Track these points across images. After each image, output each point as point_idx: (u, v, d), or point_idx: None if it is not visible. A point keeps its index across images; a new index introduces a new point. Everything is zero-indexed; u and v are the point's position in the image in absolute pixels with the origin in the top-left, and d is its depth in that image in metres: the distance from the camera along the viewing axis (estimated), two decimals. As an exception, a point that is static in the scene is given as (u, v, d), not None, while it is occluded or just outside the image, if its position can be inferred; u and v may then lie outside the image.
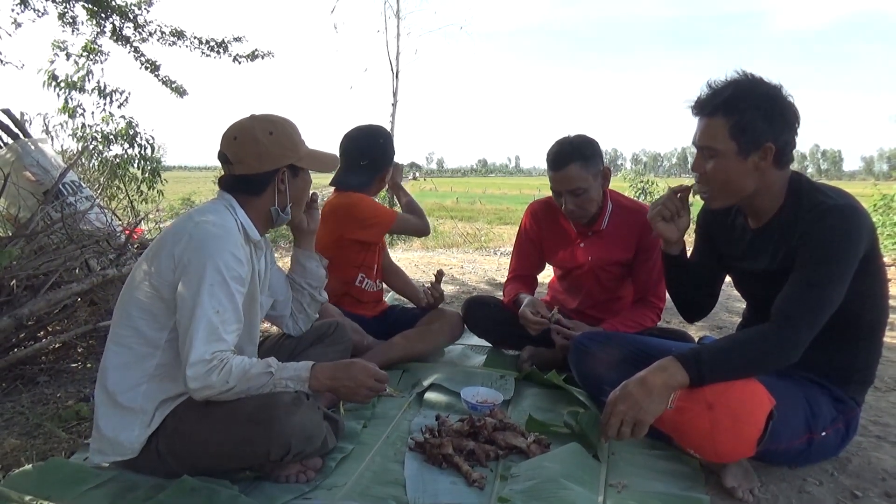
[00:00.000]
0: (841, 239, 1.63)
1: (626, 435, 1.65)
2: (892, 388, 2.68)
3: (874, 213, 7.25)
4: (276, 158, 1.79)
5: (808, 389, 1.78)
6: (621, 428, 1.65)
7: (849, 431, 1.86)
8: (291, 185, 1.85)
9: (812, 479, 1.84)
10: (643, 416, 1.63)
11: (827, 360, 1.80)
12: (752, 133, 1.68)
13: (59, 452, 1.97)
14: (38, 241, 3.32)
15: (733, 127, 1.69)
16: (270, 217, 1.86)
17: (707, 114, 1.74)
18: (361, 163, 2.76)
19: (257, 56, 7.30)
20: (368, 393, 1.78)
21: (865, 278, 1.70)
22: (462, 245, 8.85)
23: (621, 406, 1.65)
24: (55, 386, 2.62)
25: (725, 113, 1.70)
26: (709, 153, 1.75)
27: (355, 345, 2.56)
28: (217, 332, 1.60)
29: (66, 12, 6.41)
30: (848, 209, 1.66)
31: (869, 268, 1.70)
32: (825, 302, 1.64)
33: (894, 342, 3.51)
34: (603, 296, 2.72)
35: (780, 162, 1.73)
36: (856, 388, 1.84)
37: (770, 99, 1.69)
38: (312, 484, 1.73)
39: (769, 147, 1.69)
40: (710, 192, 1.81)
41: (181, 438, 1.66)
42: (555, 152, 2.51)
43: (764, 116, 1.67)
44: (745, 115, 1.67)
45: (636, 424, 1.64)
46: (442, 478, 1.79)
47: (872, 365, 1.86)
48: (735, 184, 1.75)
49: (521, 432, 1.99)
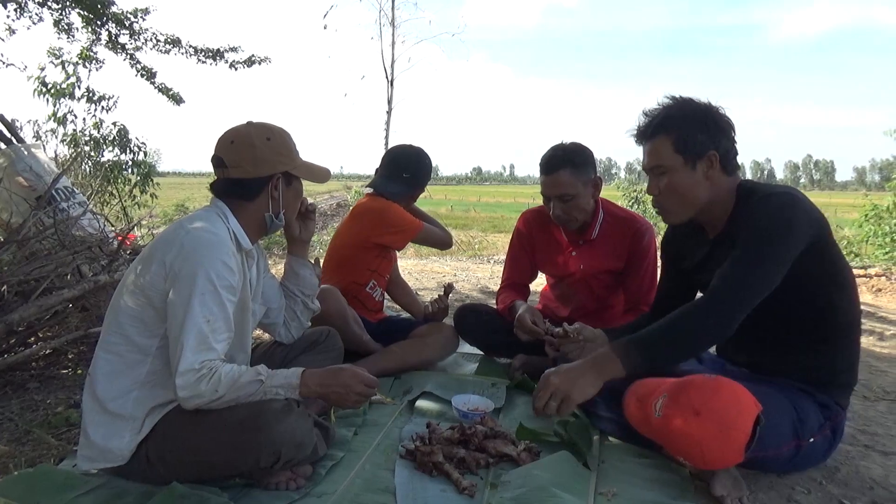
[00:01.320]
0: (772, 220, 1.70)
1: (552, 409, 1.76)
2: (880, 398, 2.69)
3: (865, 222, 7.30)
4: (272, 164, 1.81)
5: (794, 396, 1.79)
6: (549, 401, 1.76)
7: (835, 437, 1.87)
8: (285, 193, 1.87)
9: (800, 487, 1.85)
10: (573, 393, 1.76)
11: (809, 365, 1.83)
12: (693, 144, 1.80)
13: (48, 459, 1.96)
14: (29, 247, 3.31)
15: (676, 142, 1.82)
16: (264, 223, 1.87)
17: (650, 137, 1.87)
18: (405, 174, 2.87)
19: (254, 62, 7.31)
20: (358, 398, 1.78)
21: (823, 271, 1.76)
22: (456, 253, 8.87)
23: (554, 380, 1.78)
24: (45, 392, 2.61)
25: (666, 131, 1.83)
26: (659, 171, 1.86)
27: (354, 339, 2.59)
28: (207, 340, 1.60)
29: (62, 19, 6.40)
30: (785, 196, 1.73)
31: (824, 259, 1.76)
32: (755, 280, 1.69)
33: (884, 352, 3.54)
34: (594, 304, 2.73)
35: (727, 168, 1.84)
36: (839, 391, 1.86)
37: (703, 112, 1.83)
38: (302, 491, 1.72)
39: (713, 154, 1.81)
40: (668, 208, 1.91)
41: (171, 445, 1.66)
42: (547, 157, 2.54)
43: (701, 128, 1.81)
44: (684, 129, 1.81)
45: (564, 400, 1.76)
46: (432, 486, 1.79)
47: (853, 366, 1.88)
48: (689, 194, 1.85)
49: (511, 440, 1.99)
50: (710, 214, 1.89)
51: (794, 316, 1.82)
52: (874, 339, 3.83)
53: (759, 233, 1.71)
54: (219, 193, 1.84)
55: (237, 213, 1.82)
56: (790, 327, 1.85)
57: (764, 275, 1.69)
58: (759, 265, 1.69)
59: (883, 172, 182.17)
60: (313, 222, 2.17)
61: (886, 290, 5.50)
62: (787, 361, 1.84)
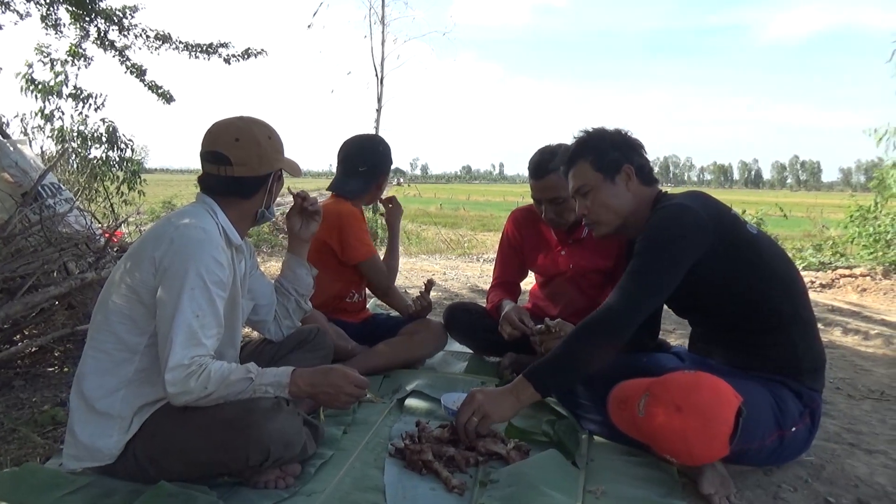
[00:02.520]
0: (660, 232, 1.86)
1: (473, 424, 1.87)
2: (865, 396, 2.72)
3: (851, 223, 7.36)
4: (273, 162, 1.82)
5: (772, 388, 1.83)
6: (472, 416, 1.87)
7: (814, 423, 1.90)
8: (277, 188, 1.90)
9: (787, 485, 1.87)
10: (492, 413, 1.87)
11: (772, 355, 1.89)
12: (609, 161, 2.00)
13: (34, 458, 1.95)
14: (15, 244, 3.27)
15: (594, 161, 2.01)
16: (255, 218, 1.88)
17: (571, 165, 2.07)
18: (360, 168, 2.77)
19: (251, 55, 7.25)
20: (348, 399, 1.77)
21: (741, 267, 1.86)
22: (445, 251, 8.87)
23: (479, 397, 1.89)
24: (31, 390, 2.59)
25: (583, 156, 2.03)
26: (585, 190, 2.03)
27: (340, 350, 2.56)
28: (196, 336, 1.59)
29: (49, 15, 6.33)
30: (674, 207, 1.88)
31: (737, 257, 1.86)
32: (648, 287, 1.82)
33: (868, 351, 3.58)
34: (584, 303, 2.73)
35: (644, 179, 2.02)
36: (810, 375, 1.89)
37: (612, 134, 2.05)
38: (291, 490, 1.72)
39: (628, 168, 2.00)
40: (598, 220, 2.04)
41: (159, 444, 1.65)
42: (536, 161, 2.54)
43: (613, 147, 2.02)
44: (598, 150, 2.01)
45: (483, 417, 1.87)
46: (422, 484, 1.79)
47: (814, 348, 1.92)
48: (614, 204, 2.00)
49: (501, 439, 1.99)
50: (635, 225, 2.01)
51: (736, 312, 1.92)
52: (859, 339, 3.87)
53: (647, 244, 1.86)
54: (213, 190, 1.82)
55: (227, 208, 1.81)
56: (738, 324, 1.93)
57: (655, 281, 1.82)
58: (649, 273, 1.83)
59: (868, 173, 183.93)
60: (316, 223, 2.17)
61: (871, 290, 5.56)
62: (750, 355, 1.92)
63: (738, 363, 1.94)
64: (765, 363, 1.89)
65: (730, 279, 1.86)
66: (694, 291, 1.89)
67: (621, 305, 1.81)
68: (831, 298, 5.27)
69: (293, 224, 2.15)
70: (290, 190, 2.16)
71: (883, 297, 5.36)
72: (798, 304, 1.91)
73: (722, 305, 1.93)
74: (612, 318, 1.82)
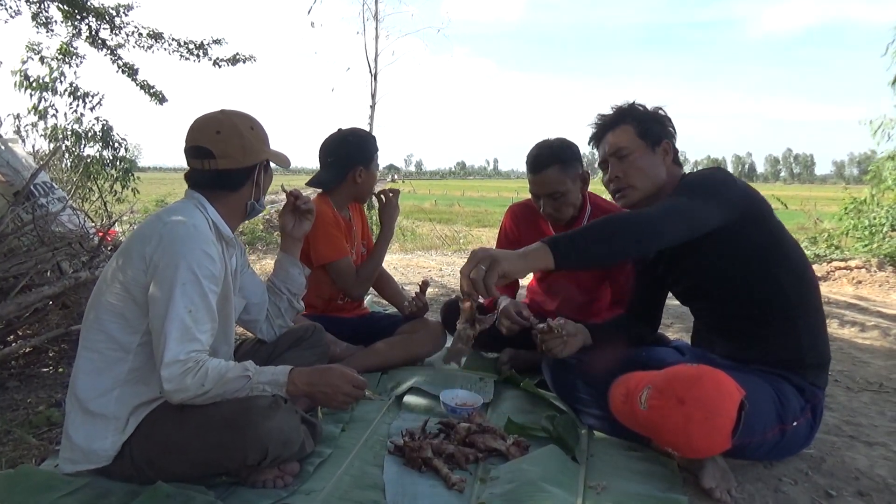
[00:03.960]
0: (703, 178, 1.87)
1: (481, 272, 1.55)
2: (864, 388, 2.73)
3: (845, 216, 7.38)
4: (258, 153, 1.80)
5: (774, 382, 1.82)
6: (478, 265, 1.56)
7: (815, 420, 1.90)
8: (264, 179, 1.87)
9: (787, 478, 1.86)
10: (500, 257, 1.57)
11: (776, 348, 1.88)
12: (652, 133, 2.01)
13: (28, 459, 1.93)
14: (7, 243, 3.24)
15: (638, 129, 2.01)
16: (245, 211, 1.86)
17: (612, 126, 2.05)
18: (328, 159, 2.78)
19: (238, 60, 7.20)
20: (346, 399, 1.76)
21: (766, 249, 1.86)
22: (440, 247, 8.86)
23: (482, 253, 1.60)
24: (25, 391, 2.56)
25: (627, 121, 2.03)
26: (624, 153, 2.00)
27: (333, 357, 2.53)
28: (190, 331, 1.57)
29: (40, 13, 6.28)
30: (710, 168, 1.95)
31: (763, 235, 1.86)
32: (688, 210, 1.75)
33: (865, 343, 3.59)
34: (581, 298, 2.73)
35: (676, 159, 2.06)
36: (813, 371, 1.88)
37: (654, 110, 2.06)
38: (290, 489, 1.70)
39: (667, 143, 2.02)
40: (631, 184, 2.00)
41: (156, 444, 1.63)
42: (534, 156, 2.52)
43: (655, 121, 2.04)
44: (643, 120, 2.02)
45: (491, 264, 1.55)
46: (421, 481, 1.78)
47: (820, 344, 1.91)
48: (651, 172, 2.00)
49: (500, 435, 1.98)
50: (659, 199, 1.97)
51: (745, 299, 1.90)
52: (856, 331, 3.87)
53: (689, 185, 1.86)
54: (200, 185, 1.80)
55: (216, 202, 1.80)
56: (745, 313, 1.91)
57: (698, 209, 1.75)
58: (693, 201, 1.77)
59: (861, 166, 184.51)
60: (309, 222, 2.15)
61: (866, 282, 5.58)
62: (754, 349, 1.91)
63: (740, 355, 1.93)
64: (767, 355, 1.88)
65: (751, 259, 1.85)
66: (709, 270, 1.90)
67: (658, 214, 1.72)
68: (827, 291, 5.28)
69: (286, 222, 2.14)
70: (284, 188, 2.14)
71: (878, 288, 5.38)
72: (808, 296, 1.90)
73: (733, 290, 1.91)
74: (645, 220, 1.71)
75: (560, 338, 2.15)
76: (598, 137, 2.09)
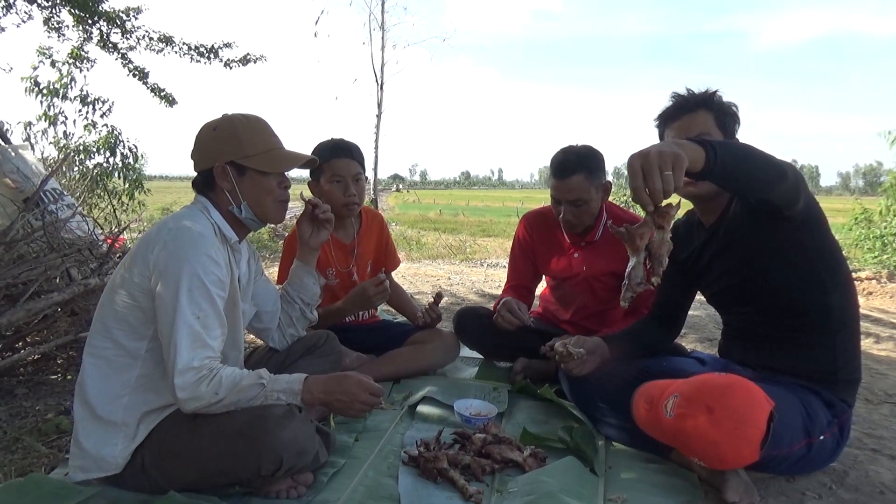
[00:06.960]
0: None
1: (669, 180, 1.34)
2: (883, 401, 2.68)
3: (855, 226, 7.34)
4: (212, 154, 1.74)
5: (802, 394, 1.78)
6: (664, 173, 1.34)
7: (843, 436, 1.86)
8: (240, 184, 1.75)
9: (811, 492, 1.82)
10: (680, 153, 1.35)
11: (811, 359, 1.84)
12: (728, 125, 1.91)
13: (38, 468, 1.90)
14: (17, 250, 3.23)
15: (717, 119, 1.89)
16: (233, 216, 1.79)
17: (691, 109, 1.91)
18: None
19: (249, 60, 7.22)
20: (362, 407, 1.72)
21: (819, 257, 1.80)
22: (447, 257, 8.83)
23: (657, 156, 1.34)
24: (34, 398, 2.54)
25: (708, 108, 1.90)
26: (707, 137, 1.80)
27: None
28: (201, 337, 1.54)
29: (52, 17, 6.31)
30: None
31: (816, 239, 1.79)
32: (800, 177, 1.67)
33: (882, 354, 3.54)
34: (596, 307, 2.70)
35: None
36: (844, 387, 1.85)
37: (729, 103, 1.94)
38: (304, 500, 1.67)
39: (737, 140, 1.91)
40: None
41: (168, 452, 1.60)
42: (560, 161, 2.48)
43: (729, 114, 1.92)
44: (721, 111, 1.90)
45: (676, 160, 1.34)
46: (437, 493, 1.74)
47: (854, 360, 1.87)
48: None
49: (516, 446, 1.95)
50: (715, 200, 1.94)
51: (788, 306, 1.85)
52: (870, 342, 3.83)
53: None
54: (197, 187, 1.82)
55: (217, 206, 1.78)
56: (785, 320, 1.87)
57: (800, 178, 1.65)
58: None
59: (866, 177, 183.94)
60: (327, 231, 2.11)
61: (877, 294, 5.53)
62: (788, 359, 1.87)
63: (771, 364, 1.89)
64: (800, 366, 1.84)
65: (800, 260, 1.78)
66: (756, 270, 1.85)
67: (785, 163, 1.60)
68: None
69: (303, 231, 2.10)
70: (303, 196, 2.11)
71: (889, 300, 5.33)
72: (849, 310, 1.86)
73: (776, 294, 1.84)
74: (779, 162, 1.59)
75: (578, 360, 2.10)
76: (672, 117, 1.93)
